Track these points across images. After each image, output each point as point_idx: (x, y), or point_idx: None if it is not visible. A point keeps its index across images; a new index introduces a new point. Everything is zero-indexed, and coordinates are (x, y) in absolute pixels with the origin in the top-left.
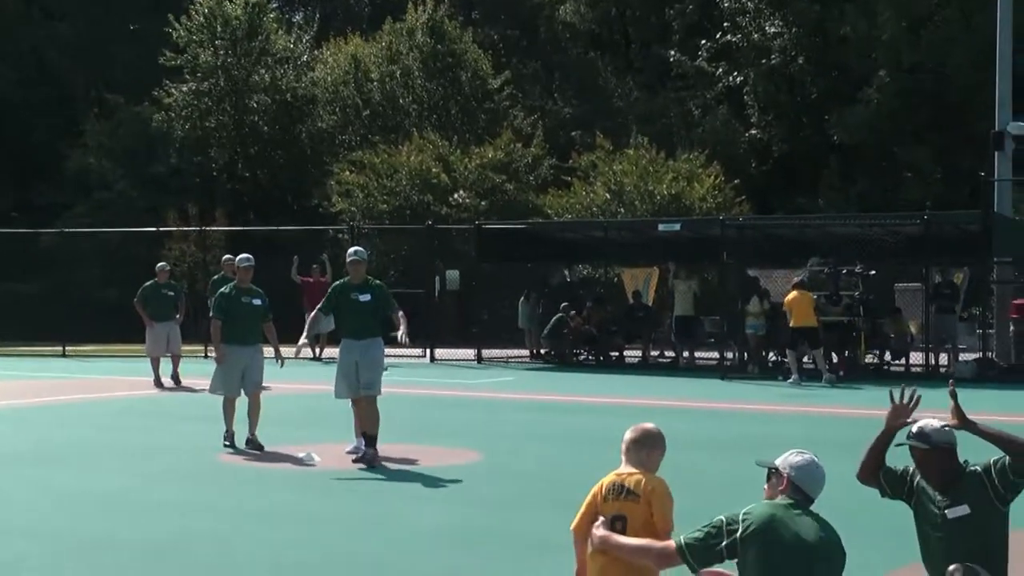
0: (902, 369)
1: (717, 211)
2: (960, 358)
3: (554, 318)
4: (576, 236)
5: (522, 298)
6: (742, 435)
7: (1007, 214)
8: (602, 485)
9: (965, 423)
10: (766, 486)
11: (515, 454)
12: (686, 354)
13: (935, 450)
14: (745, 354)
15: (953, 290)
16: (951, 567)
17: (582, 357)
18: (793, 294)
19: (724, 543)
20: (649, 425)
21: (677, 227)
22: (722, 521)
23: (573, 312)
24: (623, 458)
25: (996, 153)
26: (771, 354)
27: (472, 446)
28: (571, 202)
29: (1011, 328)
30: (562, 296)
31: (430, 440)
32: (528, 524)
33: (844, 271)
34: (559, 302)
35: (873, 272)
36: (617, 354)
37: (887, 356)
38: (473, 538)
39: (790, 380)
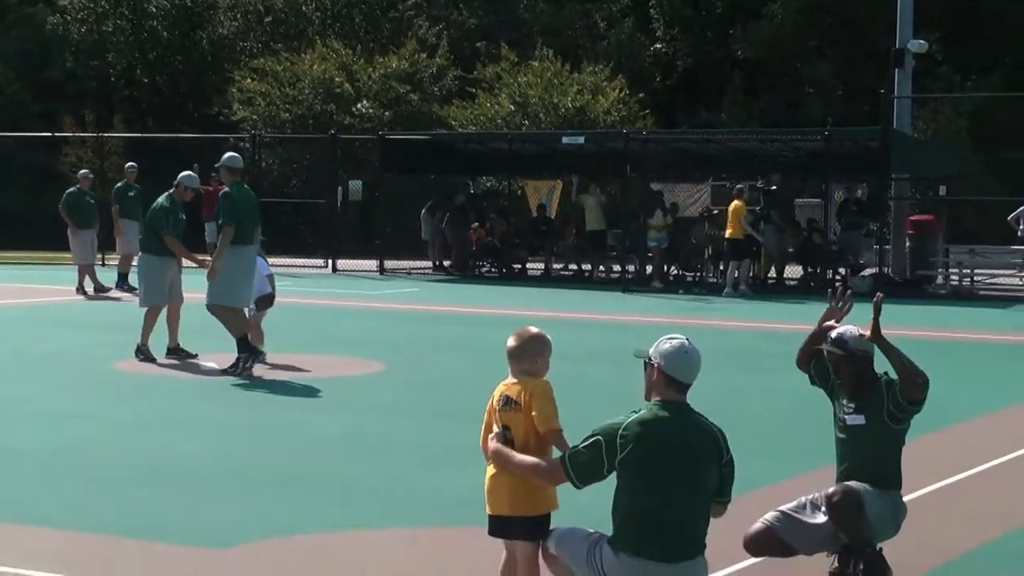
0: (798, 284)
1: (621, 124)
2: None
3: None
4: (480, 148)
5: (424, 210)
6: (639, 346)
7: (906, 131)
8: (493, 397)
9: (875, 336)
10: (644, 374)
11: (418, 364)
12: (602, 269)
13: (849, 357)
14: (647, 268)
15: (860, 206)
16: (830, 489)
17: (485, 269)
18: (735, 203)
19: (605, 467)
20: (532, 330)
21: (581, 140)
22: (601, 444)
23: (476, 224)
24: (509, 367)
25: (896, 70)
26: (673, 267)
27: (374, 356)
28: (475, 114)
29: (907, 244)
30: (466, 208)
31: (331, 350)
32: (431, 433)
33: (745, 186)
34: (464, 215)
35: (775, 187)
36: (520, 266)
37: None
38: (375, 447)
39: (738, 292)
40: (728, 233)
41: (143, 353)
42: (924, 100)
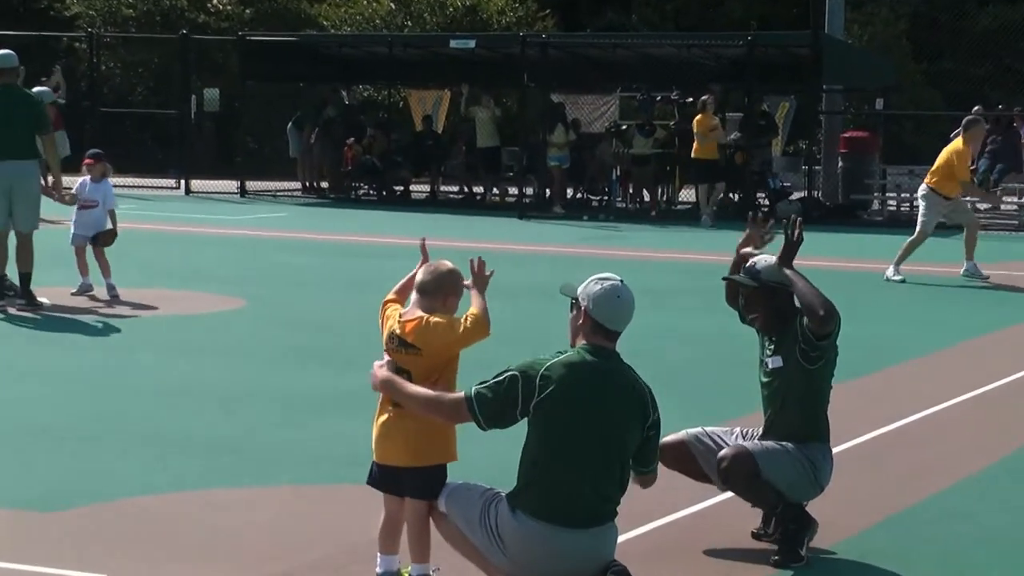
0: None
1: (518, 27)
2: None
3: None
4: (356, 52)
5: (290, 123)
6: (539, 282)
7: (838, 36)
8: (389, 323)
9: (784, 261)
10: (570, 315)
11: (286, 302)
12: (495, 191)
13: (762, 288)
14: (547, 190)
15: (768, 120)
16: (722, 452)
17: (362, 192)
18: (700, 117)
19: (518, 408)
20: (445, 265)
21: (472, 44)
22: (517, 381)
23: (351, 140)
24: (414, 302)
25: None
26: (578, 191)
27: (235, 292)
28: (351, 13)
29: (839, 164)
30: (339, 122)
31: (185, 284)
32: (297, 380)
33: (659, 98)
34: (337, 129)
35: (691, 99)
36: (402, 189)
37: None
38: (234, 396)
39: (702, 223)
40: (694, 152)
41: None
42: (859, 1)
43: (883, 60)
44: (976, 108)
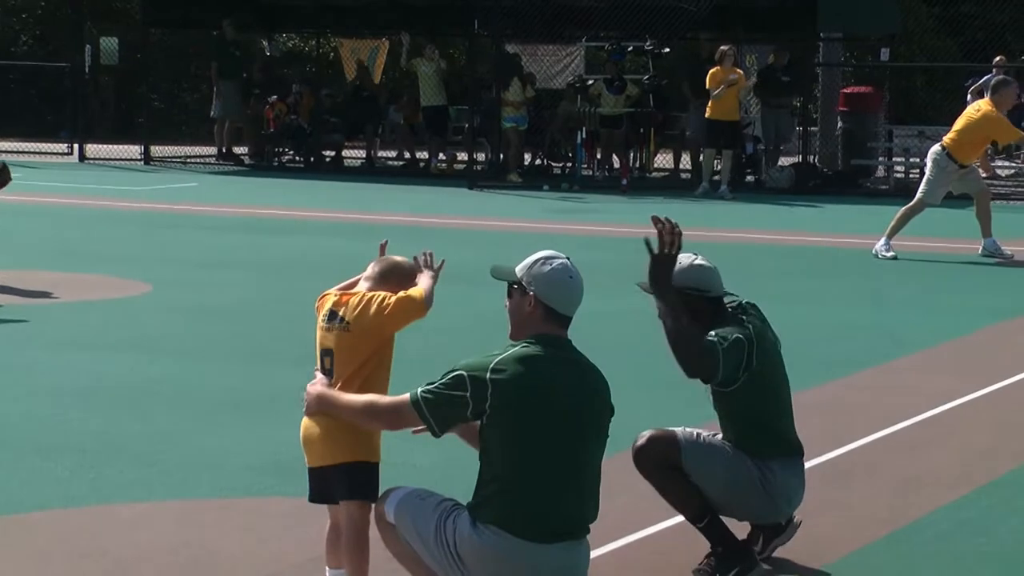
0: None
1: None
2: (776, 162)
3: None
4: None
5: (215, 81)
6: (486, 262)
7: None
8: (321, 309)
9: (651, 284)
10: (508, 303)
11: (194, 285)
12: (442, 157)
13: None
14: (502, 156)
15: (793, 76)
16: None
17: (286, 158)
18: (715, 70)
19: (470, 410)
20: (398, 258)
21: None
22: (465, 380)
23: (275, 98)
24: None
25: None
26: (537, 157)
27: (139, 276)
28: None
29: (839, 125)
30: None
31: (81, 267)
32: (211, 377)
33: (630, 48)
34: (256, 85)
35: (667, 50)
36: (333, 154)
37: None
38: (138, 395)
39: (698, 191)
40: (709, 112)
41: None
42: None
43: (889, 3)
44: (998, 59)
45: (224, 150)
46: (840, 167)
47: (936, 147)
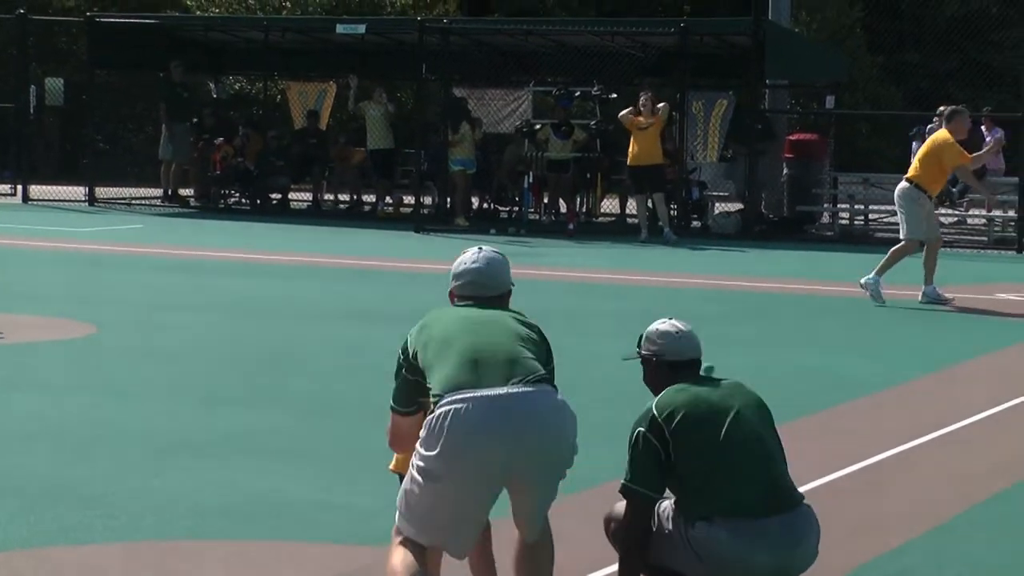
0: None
1: (415, 10)
2: (718, 209)
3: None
4: (226, 37)
5: (164, 122)
6: (433, 305)
7: (784, 24)
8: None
9: None
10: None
11: (143, 328)
12: (389, 201)
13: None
14: (449, 200)
15: (766, 124)
16: None
17: (232, 200)
18: (636, 119)
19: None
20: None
21: (361, 30)
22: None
23: (221, 140)
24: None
25: None
26: (484, 201)
27: (84, 317)
28: None
29: (784, 171)
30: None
31: (25, 308)
32: (158, 419)
33: (577, 93)
34: (205, 127)
35: (615, 95)
36: (280, 197)
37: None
38: (88, 439)
39: (641, 238)
40: (629, 159)
41: None
42: None
43: (835, 52)
44: (940, 109)
45: (170, 192)
46: (786, 213)
47: (902, 184)
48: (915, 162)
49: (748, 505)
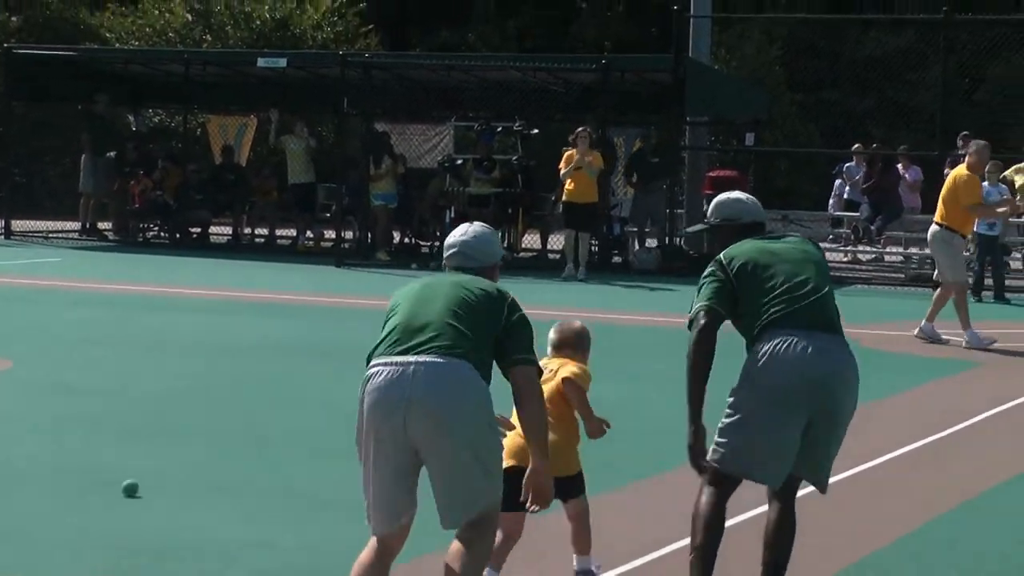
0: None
1: (336, 44)
2: (640, 244)
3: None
4: (146, 71)
5: (84, 154)
6: (360, 342)
7: (704, 61)
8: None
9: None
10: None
11: (61, 363)
12: (309, 235)
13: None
14: (370, 234)
15: (663, 158)
16: None
17: (151, 234)
18: (571, 151)
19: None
20: (575, 324)
21: (282, 63)
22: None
23: (141, 173)
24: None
25: None
26: (406, 236)
27: None
28: (139, 24)
29: (705, 207)
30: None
31: None
32: (75, 456)
33: (499, 128)
34: (124, 160)
35: (536, 131)
36: (200, 231)
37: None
38: (4, 477)
39: (564, 275)
40: (564, 195)
41: None
42: (728, 21)
43: (754, 89)
44: (856, 146)
45: (88, 225)
46: (706, 250)
47: (932, 228)
48: (940, 204)
49: (795, 323)
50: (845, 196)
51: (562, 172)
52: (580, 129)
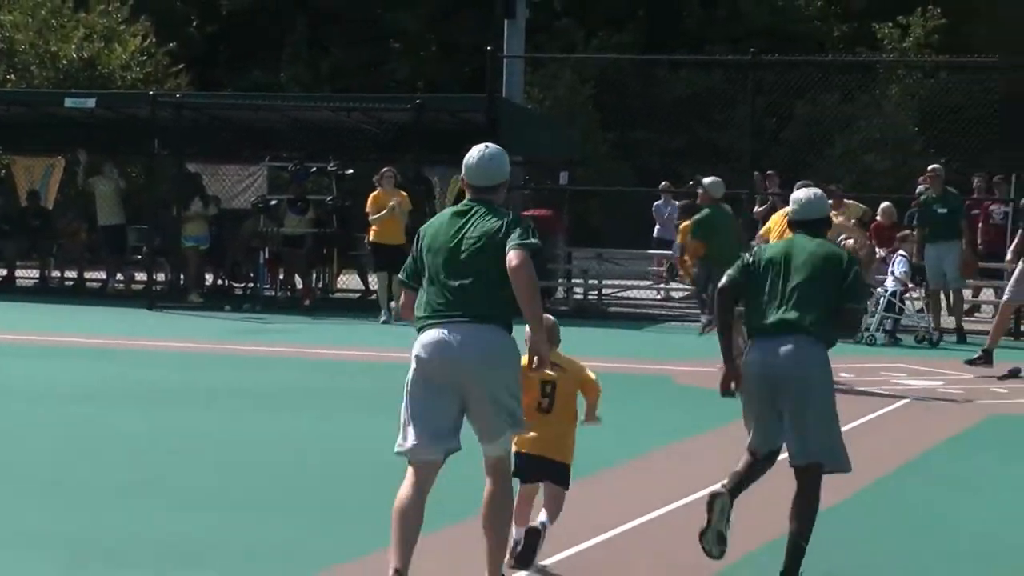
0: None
1: (145, 84)
2: None
3: None
4: None
5: None
6: (171, 385)
7: (517, 100)
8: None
9: None
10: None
11: None
12: (120, 278)
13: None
14: (182, 276)
15: (428, 186)
16: None
17: None
18: (378, 192)
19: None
20: (548, 318)
21: (91, 103)
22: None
23: None
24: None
25: (506, 22)
26: (218, 277)
27: None
28: None
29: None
30: None
31: None
32: None
33: (313, 168)
34: None
35: (351, 171)
36: (4, 273)
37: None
38: None
39: (382, 319)
40: (372, 236)
41: None
42: (540, 61)
43: (568, 129)
44: (663, 184)
45: None
46: None
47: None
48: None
49: (765, 326)
50: (655, 235)
51: (371, 217)
52: (385, 169)
